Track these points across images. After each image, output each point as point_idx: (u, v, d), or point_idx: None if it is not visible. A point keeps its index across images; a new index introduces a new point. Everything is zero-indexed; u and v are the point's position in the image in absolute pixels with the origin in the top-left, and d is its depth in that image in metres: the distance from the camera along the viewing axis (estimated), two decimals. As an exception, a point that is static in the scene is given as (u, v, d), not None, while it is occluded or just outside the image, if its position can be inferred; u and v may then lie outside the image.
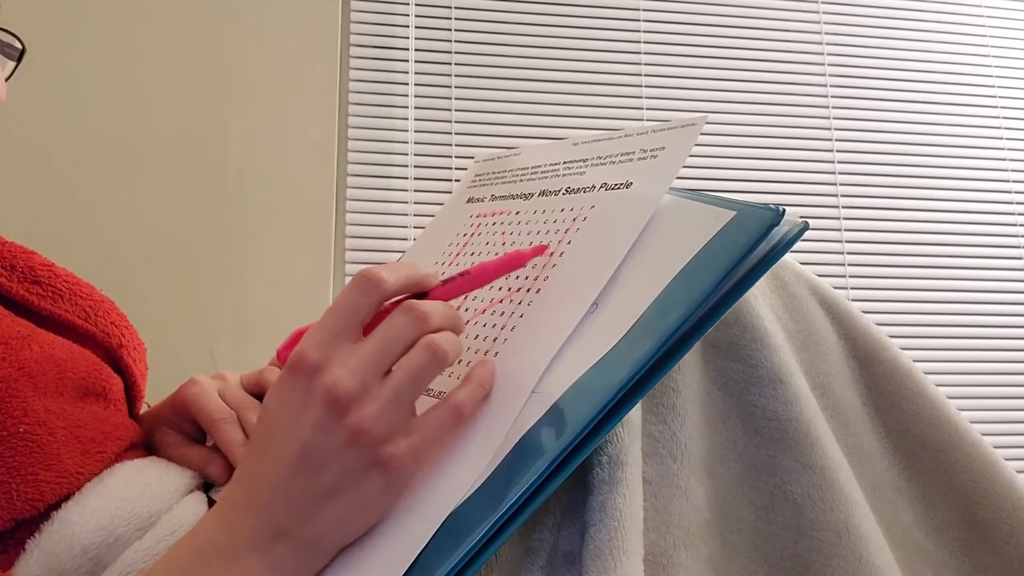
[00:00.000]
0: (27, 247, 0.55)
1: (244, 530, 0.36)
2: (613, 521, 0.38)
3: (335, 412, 0.36)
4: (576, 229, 0.46)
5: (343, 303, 0.38)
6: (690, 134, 0.45)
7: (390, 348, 0.37)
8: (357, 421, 0.36)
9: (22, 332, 0.47)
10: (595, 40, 1.63)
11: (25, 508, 0.41)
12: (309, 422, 0.36)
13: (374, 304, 0.38)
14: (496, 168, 0.59)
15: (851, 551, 0.42)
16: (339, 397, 0.36)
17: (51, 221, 1.33)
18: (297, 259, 1.40)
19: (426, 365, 0.37)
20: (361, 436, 0.36)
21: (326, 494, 0.36)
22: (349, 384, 0.36)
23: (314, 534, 0.37)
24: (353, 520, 0.37)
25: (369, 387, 0.36)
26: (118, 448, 0.47)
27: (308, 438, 0.36)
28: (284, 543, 0.36)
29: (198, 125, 1.41)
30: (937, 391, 0.51)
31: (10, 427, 0.41)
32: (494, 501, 0.36)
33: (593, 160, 0.50)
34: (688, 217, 0.42)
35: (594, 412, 0.36)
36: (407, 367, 0.37)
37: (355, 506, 0.37)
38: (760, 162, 1.64)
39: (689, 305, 0.37)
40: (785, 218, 0.38)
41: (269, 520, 0.36)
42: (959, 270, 1.66)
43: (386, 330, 0.38)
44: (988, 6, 1.78)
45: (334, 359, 0.37)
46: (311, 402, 0.36)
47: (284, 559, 0.36)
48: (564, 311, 0.42)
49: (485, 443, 0.38)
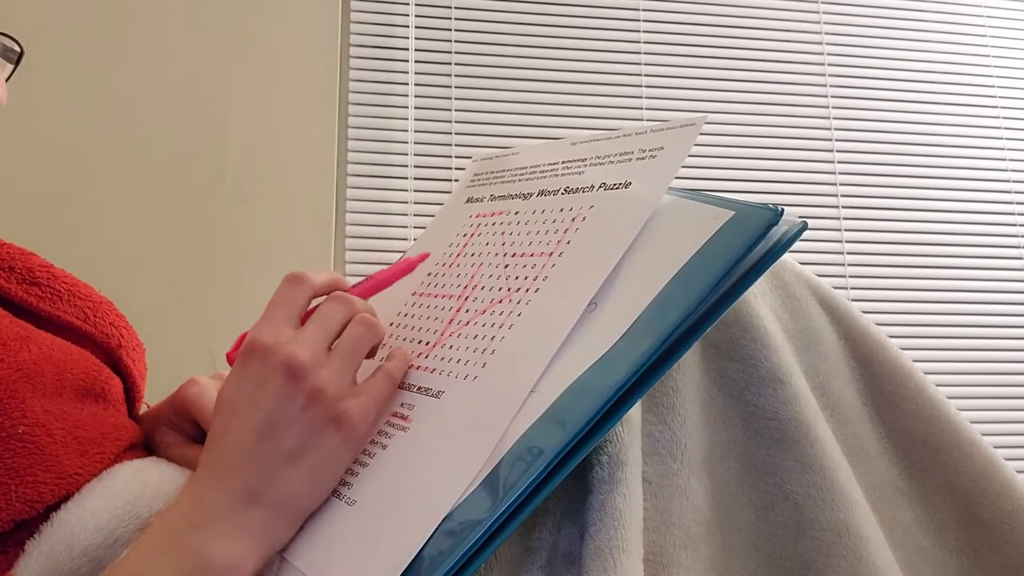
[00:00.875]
0: (25, 248, 0.55)
1: (215, 500, 0.39)
2: (613, 521, 0.38)
3: (293, 379, 0.40)
4: (575, 229, 0.46)
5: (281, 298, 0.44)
6: (689, 134, 0.46)
7: (328, 326, 0.43)
8: (314, 383, 0.40)
9: (20, 333, 0.46)
10: (595, 40, 1.63)
11: (24, 509, 0.41)
12: (271, 392, 0.40)
13: (307, 295, 0.44)
14: (494, 168, 0.59)
15: (851, 551, 0.42)
16: (294, 366, 0.40)
17: (51, 221, 1.33)
18: (297, 259, 1.40)
19: (363, 336, 0.43)
20: (318, 396, 0.40)
21: (291, 455, 0.40)
22: (302, 355, 0.41)
23: (282, 495, 0.40)
24: (316, 478, 0.41)
25: (318, 357, 0.41)
26: (117, 449, 0.47)
27: (271, 406, 0.40)
28: (254, 507, 0.39)
29: (198, 125, 1.41)
30: (937, 391, 0.51)
31: (8, 428, 0.41)
32: (492, 500, 0.35)
33: (592, 160, 0.51)
34: (687, 217, 0.42)
35: (593, 412, 0.36)
36: (349, 338, 0.43)
37: (317, 463, 0.40)
38: (760, 162, 1.64)
39: (688, 305, 0.37)
40: (784, 218, 0.38)
41: (239, 486, 0.39)
42: (959, 270, 1.66)
43: (323, 314, 0.43)
44: (988, 6, 1.78)
45: (283, 338, 0.41)
46: (270, 375, 0.40)
47: (254, 522, 0.39)
48: (562, 311, 0.42)
49: (483, 442, 0.38)
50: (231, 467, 0.40)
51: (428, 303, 0.51)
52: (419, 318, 0.51)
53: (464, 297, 0.49)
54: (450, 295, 0.50)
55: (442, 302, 0.50)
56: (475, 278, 0.50)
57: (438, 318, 0.49)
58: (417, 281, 0.54)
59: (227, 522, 0.39)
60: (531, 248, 0.47)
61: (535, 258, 0.46)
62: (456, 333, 0.47)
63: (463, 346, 0.45)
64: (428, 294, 0.52)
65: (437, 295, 0.51)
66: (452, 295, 0.50)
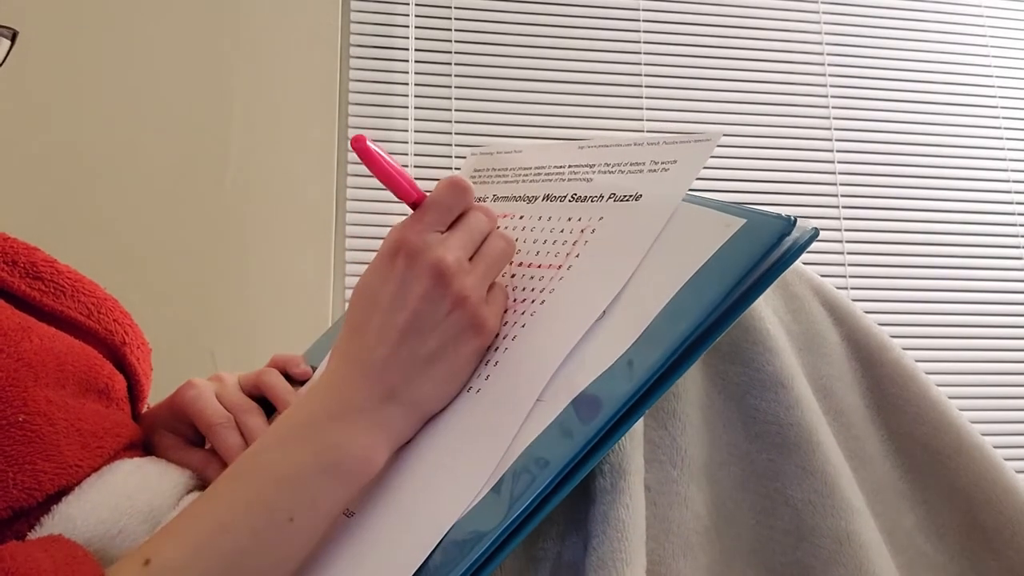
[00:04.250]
0: (29, 243, 0.55)
1: (355, 395, 0.40)
2: (615, 532, 0.38)
3: (441, 283, 0.41)
4: (584, 242, 0.45)
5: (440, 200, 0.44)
6: (704, 149, 0.44)
7: (473, 236, 0.44)
8: (460, 289, 0.41)
9: (22, 324, 0.46)
10: (595, 40, 1.62)
11: (22, 497, 0.40)
12: (417, 293, 0.41)
13: (463, 207, 0.44)
14: (496, 164, 0.58)
15: (851, 559, 0.42)
16: (443, 271, 0.41)
17: (52, 222, 1.32)
18: (297, 259, 1.40)
19: (505, 250, 0.45)
20: (463, 302, 0.41)
21: (431, 357, 0.41)
22: (450, 260, 0.41)
23: (419, 395, 0.41)
24: (450, 380, 0.42)
25: (464, 264, 0.42)
26: (118, 445, 0.47)
27: (417, 307, 0.41)
28: (392, 405, 0.40)
29: (198, 125, 1.41)
30: (940, 394, 0.50)
31: (9, 416, 0.41)
32: (499, 512, 0.35)
33: (601, 167, 0.49)
34: (697, 224, 0.41)
35: (602, 423, 0.36)
36: (493, 250, 0.44)
37: (452, 367, 0.42)
38: (760, 162, 1.63)
39: (698, 315, 0.36)
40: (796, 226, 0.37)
41: (380, 384, 0.40)
42: (959, 270, 1.65)
43: (470, 222, 0.44)
44: (988, 6, 1.78)
45: (433, 242, 0.42)
46: (418, 276, 0.41)
47: (392, 419, 0.40)
48: (569, 325, 0.41)
49: (490, 453, 0.38)
50: (373, 364, 0.41)
51: None
52: None
53: None
54: None
55: None
56: None
57: None
58: None
59: (366, 417, 0.40)
60: (538, 259, 0.47)
61: (542, 270, 0.46)
62: None
63: None
64: None
65: None
66: None
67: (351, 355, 0.42)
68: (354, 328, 0.42)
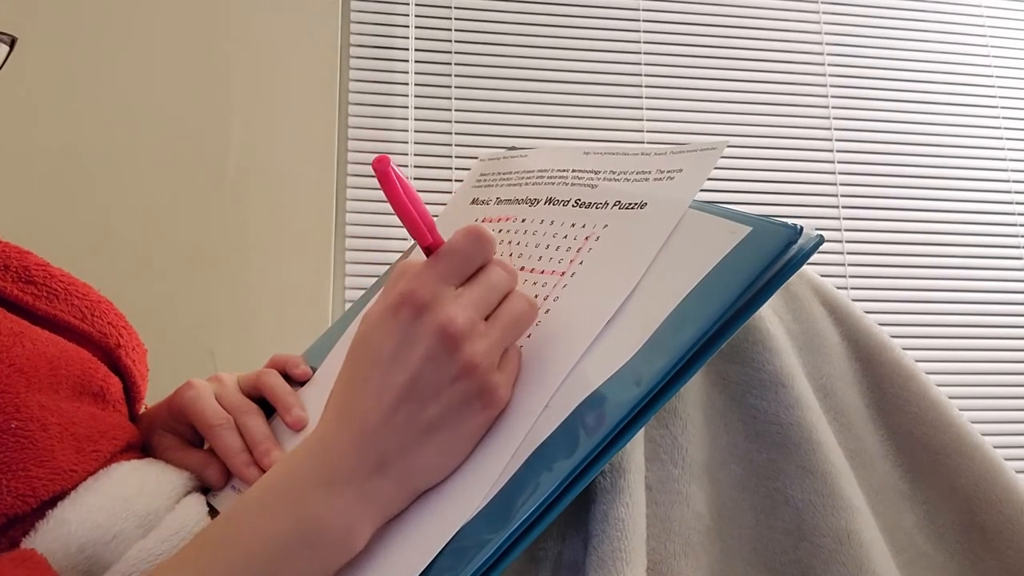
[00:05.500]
0: (22, 247, 0.55)
1: (342, 462, 0.37)
2: (615, 531, 0.38)
3: (448, 346, 0.37)
4: (588, 249, 0.45)
5: (458, 250, 0.39)
6: (710, 158, 0.44)
7: (491, 295, 0.40)
8: (469, 356, 0.37)
9: (14, 328, 0.46)
10: (595, 40, 1.62)
11: (16, 504, 0.40)
12: (420, 354, 0.37)
13: (483, 261, 0.40)
14: (501, 168, 0.58)
15: (852, 558, 0.42)
16: (452, 333, 0.37)
17: (51, 222, 1.32)
18: (297, 259, 1.40)
19: (526, 312, 0.40)
20: (472, 370, 0.37)
21: (431, 426, 0.37)
22: (461, 321, 0.37)
23: (413, 467, 0.37)
24: (450, 454, 0.38)
25: (477, 326, 0.38)
26: (114, 448, 0.47)
27: (418, 369, 0.37)
28: (382, 476, 0.37)
29: (198, 125, 1.41)
30: (940, 393, 0.51)
31: (1, 423, 0.41)
32: (504, 518, 0.35)
33: (606, 174, 0.49)
34: (703, 231, 0.40)
35: (607, 430, 0.35)
36: (513, 313, 0.40)
37: (454, 438, 0.38)
38: (760, 162, 1.63)
39: (704, 323, 0.36)
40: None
41: (372, 451, 0.37)
42: (959, 270, 1.65)
43: (489, 279, 0.40)
44: (988, 6, 1.78)
45: (445, 298, 0.38)
46: (422, 336, 0.37)
47: (378, 491, 0.37)
48: (575, 334, 0.41)
49: (496, 459, 0.38)
50: (367, 428, 0.37)
51: None
52: None
53: None
54: None
55: None
56: None
57: None
58: None
59: (352, 489, 0.36)
60: (541, 264, 0.46)
61: (546, 276, 0.45)
62: None
63: None
64: None
65: None
66: None
67: (343, 414, 0.38)
68: (349, 383, 0.39)
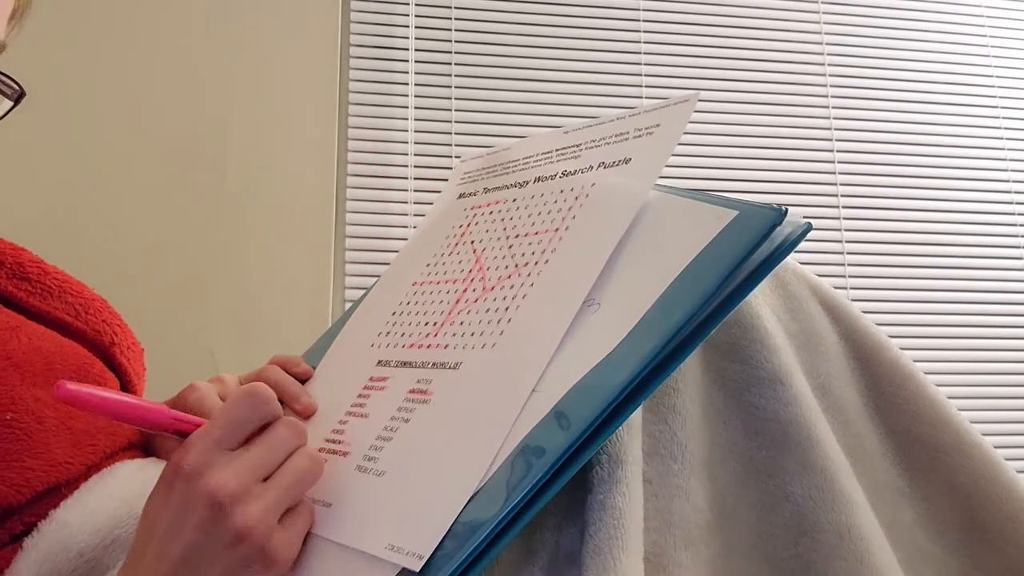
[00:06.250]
0: (16, 244, 0.55)
1: None
2: (612, 520, 0.38)
3: (219, 514, 0.36)
4: (580, 205, 0.46)
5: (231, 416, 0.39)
6: (684, 110, 0.46)
7: (273, 455, 0.39)
8: (243, 521, 0.36)
9: (9, 323, 0.46)
10: (595, 40, 1.62)
11: (11, 494, 0.40)
12: (192, 523, 0.36)
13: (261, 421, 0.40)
14: (484, 165, 0.58)
15: (852, 552, 0.42)
16: (221, 499, 0.36)
17: (51, 220, 1.33)
18: (297, 259, 1.40)
19: (310, 470, 0.40)
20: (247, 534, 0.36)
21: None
22: (231, 488, 0.37)
23: None
24: None
25: (251, 489, 0.37)
26: (111, 443, 0.47)
27: (191, 539, 0.36)
28: None
29: (198, 125, 1.41)
30: (938, 392, 0.51)
31: None
32: (496, 502, 0.35)
33: (587, 144, 0.50)
34: (690, 216, 0.41)
35: (597, 412, 0.36)
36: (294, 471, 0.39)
37: None
38: (760, 162, 1.64)
39: (693, 305, 0.37)
40: (788, 219, 0.38)
41: None
42: (959, 270, 1.65)
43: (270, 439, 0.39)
44: (988, 6, 1.78)
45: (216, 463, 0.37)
46: (193, 505, 0.36)
47: None
48: (564, 296, 0.41)
49: (487, 444, 0.38)
50: None
51: (431, 290, 0.51)
52: (423, 303, 0.51)
53: (470, 279, 0.49)
54: (454, 280, 0.50)
55: (446, 287, 0.50)
56: (479, 261, 0.49)
57: (444, 300, 0.49)
58: (416, 271, 0.54)
59: None
60: (535, 227, 0.47)
61: (540, 235, 0.46)
62: (466, 310, 0.47)
63: (476, 320, 0.45)
64: (430, 282, 0.52)
65: (439, 281, 0.51)
66: (456, 279, 0.50)
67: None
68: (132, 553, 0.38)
